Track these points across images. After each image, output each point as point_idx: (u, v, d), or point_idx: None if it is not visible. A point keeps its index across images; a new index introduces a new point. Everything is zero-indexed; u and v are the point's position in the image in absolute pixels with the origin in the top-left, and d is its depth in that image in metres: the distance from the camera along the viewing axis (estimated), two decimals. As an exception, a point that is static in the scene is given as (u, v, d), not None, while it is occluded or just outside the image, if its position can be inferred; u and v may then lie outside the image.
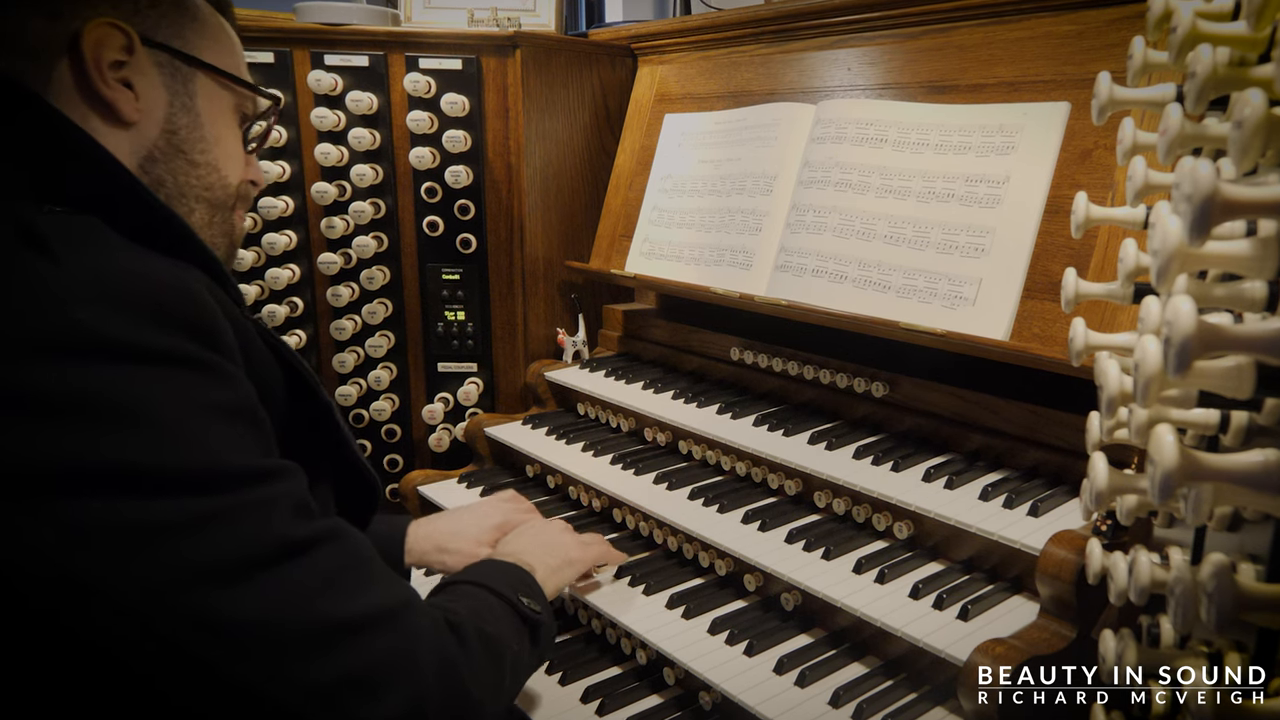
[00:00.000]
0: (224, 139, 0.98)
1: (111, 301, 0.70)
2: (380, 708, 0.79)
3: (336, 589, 0.78)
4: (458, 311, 2.03)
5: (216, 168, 0.97)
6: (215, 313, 0.77)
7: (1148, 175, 0.72)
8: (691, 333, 1.92)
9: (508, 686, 1.01)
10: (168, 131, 0.92)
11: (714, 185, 1.82)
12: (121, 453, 0.67)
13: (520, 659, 1.05)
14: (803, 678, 1.20)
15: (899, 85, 1.56)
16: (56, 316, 0.68)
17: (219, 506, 0.71)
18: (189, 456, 0.71)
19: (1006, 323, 1.31)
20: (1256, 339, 0.50)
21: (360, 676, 0.78)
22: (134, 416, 0.69)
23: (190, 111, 0.94)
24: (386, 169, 1.97)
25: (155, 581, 0.68)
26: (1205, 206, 0.49)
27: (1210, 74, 0.57)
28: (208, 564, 0.70)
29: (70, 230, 0.75)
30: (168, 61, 0.92)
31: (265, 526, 0.74)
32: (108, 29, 0.86)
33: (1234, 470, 0.53)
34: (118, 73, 0.87)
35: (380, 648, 0.80)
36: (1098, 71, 0.78)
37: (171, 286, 0.75)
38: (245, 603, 0.71)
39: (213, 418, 0.74)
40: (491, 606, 1.06)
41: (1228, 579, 0.51)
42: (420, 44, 1.93)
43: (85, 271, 0.71)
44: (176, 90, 0.93)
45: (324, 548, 0.79)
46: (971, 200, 1.38)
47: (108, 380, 0.68)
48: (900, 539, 1.36)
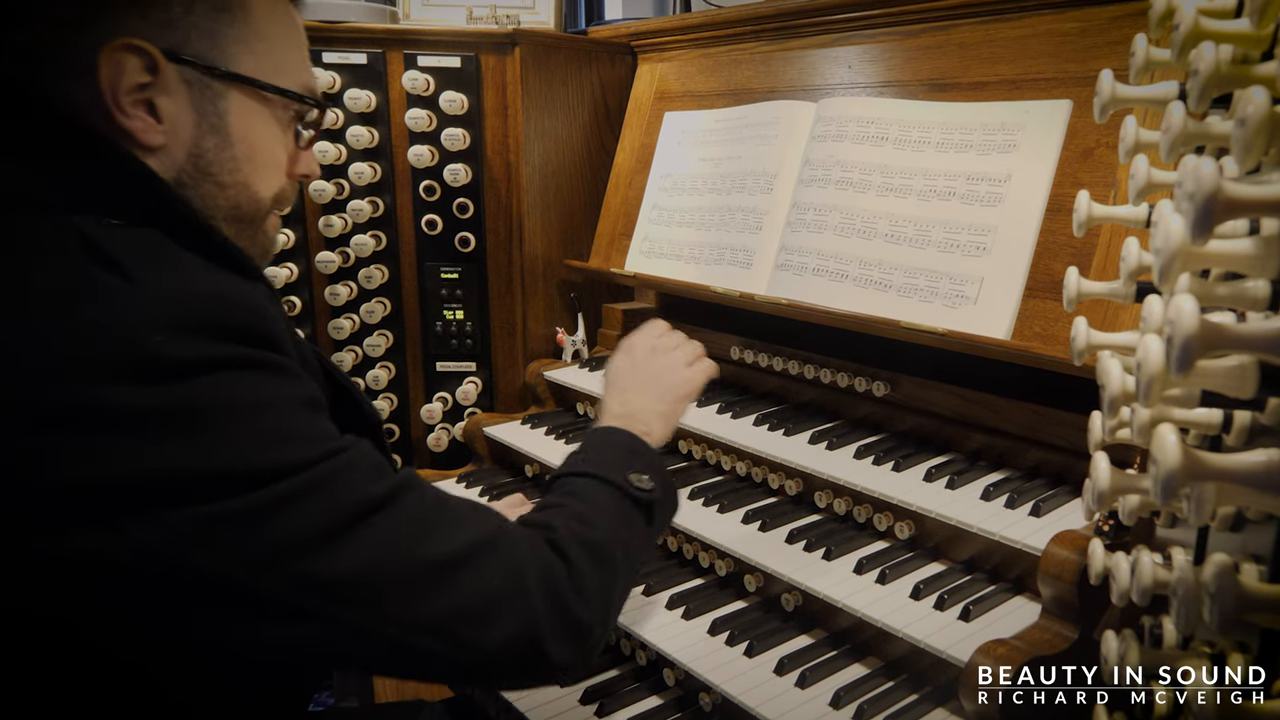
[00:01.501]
0: (258, 152, 0.93)
1: (187, 318, 0.74)
2: (492, 633, 0.83)
3: (427, 531, 0.83)
4: (456, 310, 2.03)
5: (247, 185, 0.93)
6: (279, 322, 0.81)
7: (1150, 174, 0.72)
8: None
9: (621, 586, 1.01)
10: (194, 155, 0.89)
11: (714, 184, 1.81)
12: (213, 460, 0.72)
13: (633, 550, 1.05)
14: (803, 679, 1.20)
15: (900, 83, 1.55)
16: (137, 337, 0.71)
17: (306, 483, 0.76)
18: (275, 449, 0.75)
19: (1008, 322, 1.31)
20: (1259, 338, 0.50)
21: (467, 607, 0.82)
22: (222, 423, 0.73)
23: (219, 131, 0.90)
24: (385, 167, 1.96)
25: (261, 563, 0.73)
26: (1208, 205, 0.48)
27: (1213, 72, 0.57)
28: (304, 536, 0.75)
29: (138, 246, 0.77)
30: (197, 79, 0.87)
31: (349, 491, 0.78)
32: (124, 54, 0.82)
33: (1237, 470, 0.52)
34: (140, 95, 0.84)
35: (481, 577, 0.84)
36: (1100, 69, 0.78)
37: (240, 303, 0.78)
38: (345, 560, 0.76)
39: (289, 408, 0.79)
40: (597, 502, 1.05)
41: (1230, 579, 0.51)
42: (419, 41, 1.92)
43: (161, 290, 0.74)
44: (205, 110, 0.88)
45: (406, 497, 0.82)
46: (973, 199, 1.38)
47: (193, 393, 0.73)
48: (901, 539, 1.35)
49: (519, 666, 0.87)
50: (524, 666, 0.88)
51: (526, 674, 0.91)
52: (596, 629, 0.93)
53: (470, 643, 0.83)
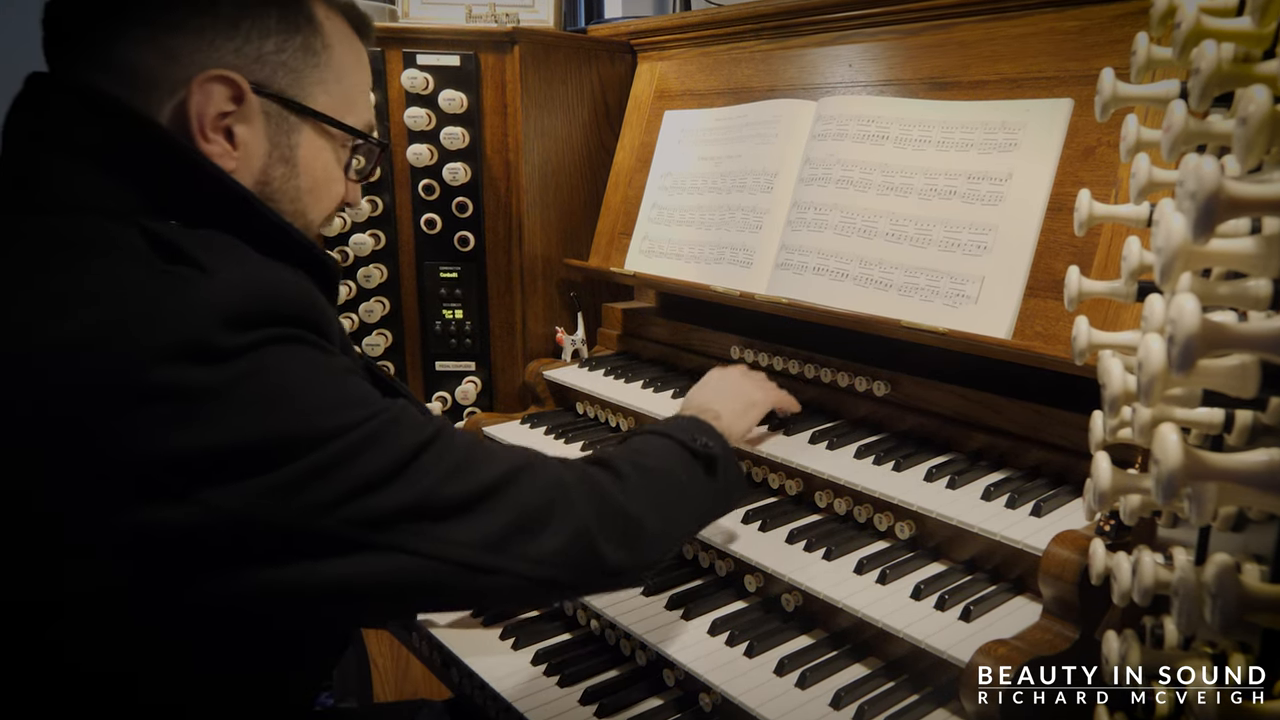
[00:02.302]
0: (319, 183, 1.00)
1: (252, 305, 0.78)
2: (547, 542, 0.91)
3: (473, 460, 0.90)
4: (455, 310, 2.02)
5: (303, 213, 0.99)
6: (327, 310, 0.88)
7: (1151, 172, 0.72)
8: (691, 331, 1.91)
9: (676, 512, 1.10)
10: (261, 182, 0.94)
11: (714, 182, 1.81)
12: (282, 428, 0.78)
13: (691, 489, 1.14)
14: (804, 679, 1.19)
15: (900, 82, 1.55)
16: (207, 321, 0.76)
17: (364, 436, 0.82)
18: (334, 412, 0.81)
19: (1009, 321, 1.30)
20: (1261, 337, 0.50)
21: (520, 519, 0.90)
22: (286, 395, 0.79)
23: (288, 162, 0.95)
24: (384, 166, 1.95)
25: (329, 510, 0.79)
26: (1209, 204, 0.48)
27: (1214, 70, 0.56)
28: (367, 481, 0.81)
29: (208, 243, 0.82)
30: (276, 112, 0.93)
31: (400, 437, 0.84)
32: (216, 84, 0.87)
33: (1238, 470, 0.52)
34: (222, 121, 0.89)
35: (529, 491, 0.92)
36: (1101, 68, 0.78)
37: (297, 293, 0.83)
38: (405, 493, 0.83)
39: (341, 376, 0.85)
40: (655, 446, 1.16)
41: (1232, 579, 0.51)
42: (418, 40, 1.91)
43: (231, 279, 0.79)
44: (279, 141, 0.94)
45: (446, 435, 0.89)
46: (973, 198, 1.37)
47: (259, 370, 0.78)
48: (902, 539, 1.35)
49: (579, 571, 0.95)
50: (584, 570, 0.95)
51: (588, 578, 0.99)
52: (650, 527, 1.01)
53: (529, 554, 0.90)
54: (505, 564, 0.88)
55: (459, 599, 0.94)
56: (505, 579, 0.89)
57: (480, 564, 0.87)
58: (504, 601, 0.97)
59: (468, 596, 0.93)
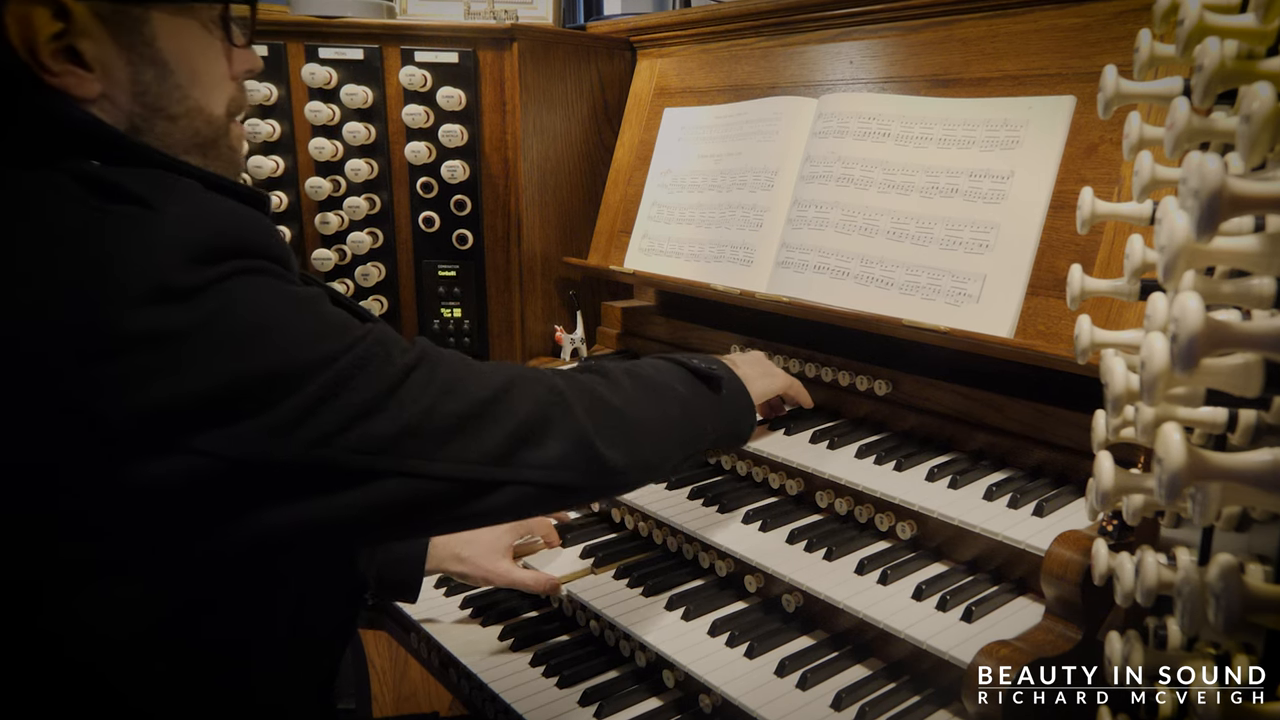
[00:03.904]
0: (200, 71, 0.89)
1: (213, 239, 0.76)
2: (551, 447, 0.92)
3: (464, 376, 0.90)
4: (454, 308, 2.01)
5: (200, 110, 0.90)
6: (284, 240, 0.86)
7: (1154, 170, 0.72)
8: (691, 330, 1.90)
9: (671, 412, 1.12)
10: (138, 94, 0.85)
11: (714, 180, 1.80)
12: (265, 364, 0.76)
13: (691, 400, 1.17)
14: (804, 680, 1.19)
15: (902, 79, 1.54)
16: (167, 260, 0.73)
17: (352, 363, 0.81)
18: (318, 342, 0.80)
19: (1011, 320, 1.30)
20: (1265, 336, 0.50)
21: (520, 429, 0.91)
22: (265, 329, 0.77)
23: (154, 62, 0.85)
24: (381, 164, 1.95)
25: (330, 441, 0.78)
26: (1213, 202, 0.48)
27: (1218, 67, 0.56)
28: (363, 409, 0.80)
29: (141, 177, 0.77)
30: (112, 12, 0.82)
31: (389, 360, 0.84)
32: (27, 7, 0.77)
33: (1242, 469, 0.52)
34: (58, 44, 0.79)
35: (525, 400, 0.92)
36: (1103, 65, 0.77)
37: (253, 223, 0.81)
38: (401, 416, 0.82)
39: (318, 304, 0.83)
40: (655, 365, 1.18)
41: (1235, 580, 0.51)
42: (416, 37, 1.90)
43: (182, 214, 0.75)
44: (131, 42, 0.83)
45: (432, 354, 0.89)
46: (975, 195, 1.36)
47: (231, 306, 0.75)
48: (903, 539, 1.34)
49: (584, 474, 0.96)
50: (589, 473, 0.96)
51: (594, 480, 0.99)
52: (644, 425, 1.03)
53: (533, 462, 0.91)
54: (513, 475, 0.89)
55: (472, 515, 0.92)
56: (515, 490, 0.90)
57: (490, 478, 0.88)
58: (518, 513, 0.97)
59: (481, 512, 0.91)
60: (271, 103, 1.92)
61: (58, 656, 0.79)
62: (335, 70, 1.90)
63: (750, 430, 1.32)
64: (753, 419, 1.29)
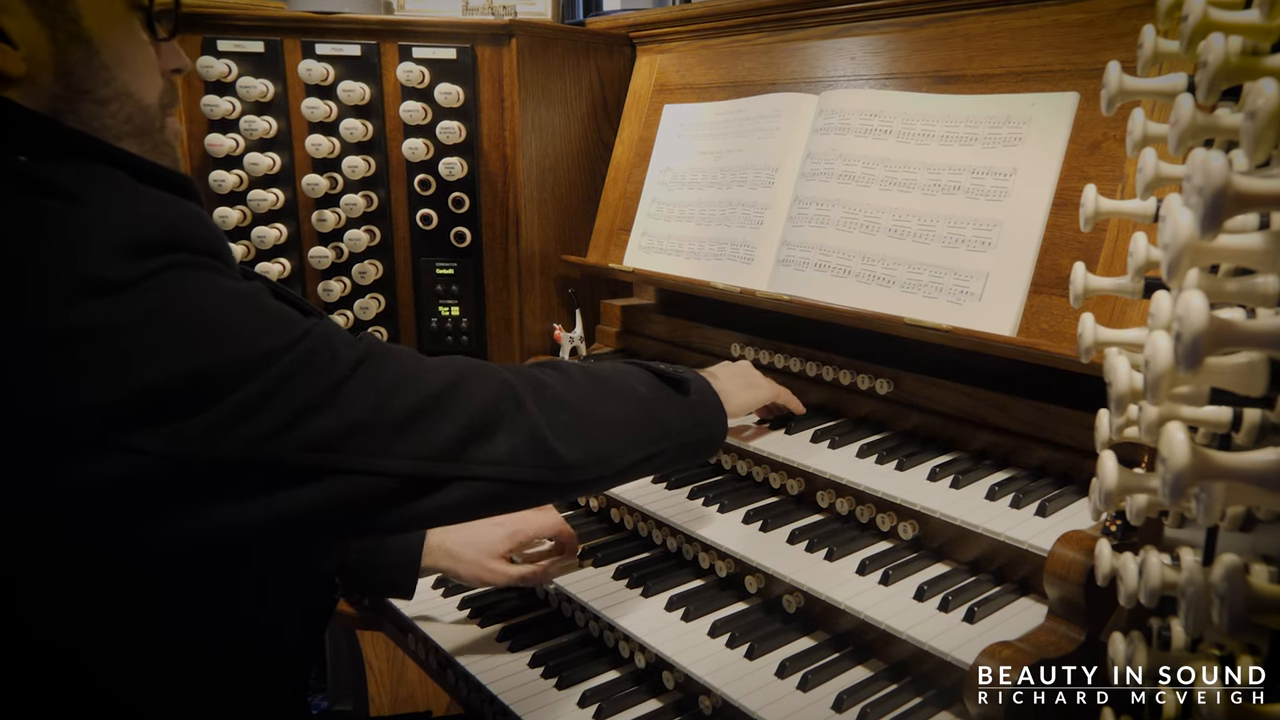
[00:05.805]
0: (125, 53, 0.86)
1: (142, 232, 0.74)
2: (501, 442, 0.91)
3: (412, 371, 0.89)
4: (452, 307, 2.00)
5: (129, 94, 0.87)
6: (222, 233, 0.84)
7: (1158, 167, 0.72)
8: (691, 328, 1.89)
9: (634, 414, 1.10)
10: (63, 74, 0.81)
11: (714, 177, 1.79)
12: (203, 361, 0.74)
13: (653, 401, 1.14)
14: (805, 681, 1.18)
15: (903, 75, 1.53)
16: (97, 255, 0.71)
17: (296, 359, 0.79)
18: (259, 337, 0.78)
19: (1014, 318, 1.29)
20: (1270, 335, 0.50)
21: (471, 426, 0.89)
22: (206, 325, 0.76)
23: (79, 40, 0.82)
24: (379, 161, 1.93)
25: (274, 440, 0.77)
26: (1217, 199, 0.48)
27: (1222, 64, 0.56)
28: (308, 405, 0.79)
29: (66, 171, 0.76)
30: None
31: (331, 357, 0.82)
32: None
33: (1246, 469, 0.52)
34: None
35: (475, 396, 0.91)
36: (1107, 61, 0.77)
37: (187, 215, 0.79)
38: (348, 413, 0.81)
39: (252, 300, 0.81)
40: (616, 366, 1.17)
41: (1240, 580, 0.51)
42: (414, 33, 1.89)
43: (108, 207, 0.74)
44: (55, 19, 0.80)
45: (378, 348, 0.87)
46: (978, 193, 1.35)
47: (166, 301, 0.74)
48: (905, 539, 1.33)
49: (536, 470, 0.94)
50: (542, 467, 0.94)
51: (546, 476, 0.95)
52: (598, 421, 1.01)
53: (484, 457, 0.89)
54: (464, 470, 0.87)
55: (423, 514, 0.90)
56: (466, 486, 0.88)
57: (439, 474, 0.86)
58: (475, 510, 0.94)
59: (432, 511, 0.90)
60: (268, 99, 1.90)
61: (45, 650, 0.79)
62: (332, 66, 1.88)
63: (723, 433, 1.28)
64: (724, 422, 1.26)
